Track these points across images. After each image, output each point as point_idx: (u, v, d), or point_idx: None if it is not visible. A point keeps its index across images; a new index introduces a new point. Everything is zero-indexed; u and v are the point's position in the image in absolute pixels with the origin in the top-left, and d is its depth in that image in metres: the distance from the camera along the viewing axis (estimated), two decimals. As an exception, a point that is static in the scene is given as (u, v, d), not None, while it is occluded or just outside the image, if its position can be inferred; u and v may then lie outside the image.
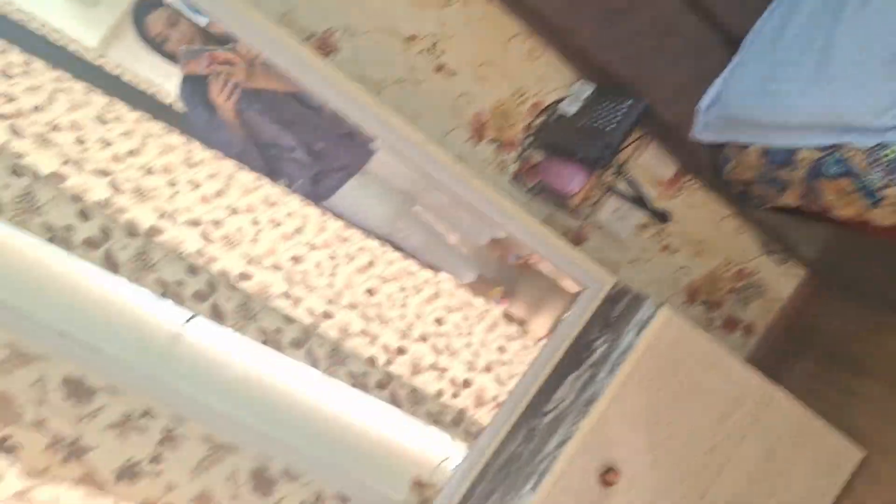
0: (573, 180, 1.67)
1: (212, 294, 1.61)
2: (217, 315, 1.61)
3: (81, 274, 1.77)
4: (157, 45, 1.64)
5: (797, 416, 1.74)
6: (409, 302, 1.91)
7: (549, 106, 1.82)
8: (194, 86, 1.65)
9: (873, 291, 2.08)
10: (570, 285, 1.76)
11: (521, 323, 2.02)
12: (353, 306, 1.82)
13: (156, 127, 1.75)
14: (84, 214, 1.52)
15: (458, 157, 1.51)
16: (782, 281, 2.25)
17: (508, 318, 2.02)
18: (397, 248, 1.90)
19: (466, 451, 1.71)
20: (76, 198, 1.57)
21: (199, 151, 1.76)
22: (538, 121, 1.82)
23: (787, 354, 2.22)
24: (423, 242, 1.90)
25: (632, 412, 1.60)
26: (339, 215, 1.84)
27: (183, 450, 0.99)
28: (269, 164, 1.75)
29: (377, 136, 1.45)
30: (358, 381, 1.72)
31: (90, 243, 1.49)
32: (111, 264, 1.50)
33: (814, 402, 1.76)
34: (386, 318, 1.85)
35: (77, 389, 0.94)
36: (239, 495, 0.97)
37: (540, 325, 1.99)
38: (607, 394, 1.57)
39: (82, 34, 1.67)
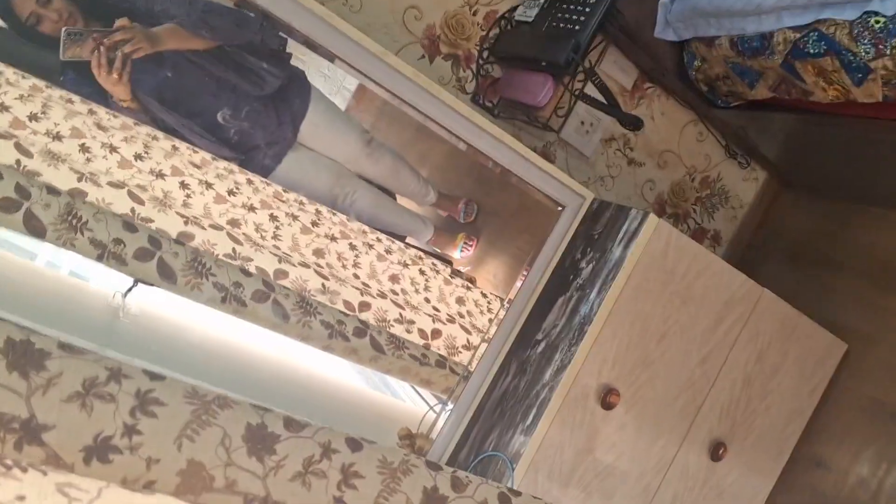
0: (542, 91, 1.54)
1: (157, 251, 1.43)
2: (165, 275, 1.43)
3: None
4: (28, 29, 1.38)
5: (783, 314, 1.72)
6: (361, 261, 1.77)
7: (504, 14, 1.68)
8: (80, 72, 1.42)
9: (837, 185, 2.07)
10: (528, 223, 1.67)
11: (470, 280, 1.92)
12: (305, 265, 1.67)
13: (56, 93, 1.52)
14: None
15: (418, 73, 1.36)
16: (745, 186, 2.22)
17: (456, 273, 1.91)
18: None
19: (456, 394, 1.60)
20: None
21: (106, 118, 1.55)
22: (494, 31, 1.68)
23: (757, 259, 2.20)
24: (371, 207, 1.76)
25: (627, 329, 1.53)
26: (279, 185, 1.67)
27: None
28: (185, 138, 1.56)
29: (332, 50, 1.29)
30: (335, 331, 1.57)
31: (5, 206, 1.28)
32: (33, 227, 1.29)
33: (791, 303, 1.73)
34: (341, 277, 1.70)
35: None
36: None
37: (491, 276, 1.90)
38: (601, 313, 1.49)
39: None
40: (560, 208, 1.59)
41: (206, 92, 1.56)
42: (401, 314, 1.73)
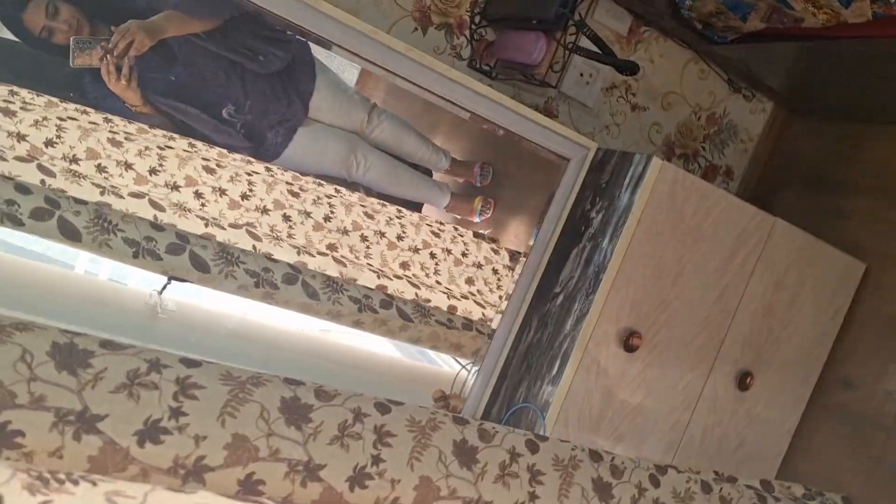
0: (535, 48, 1.57)
1: (186, 244, 1.50)
2: (199, 265, 1.50)
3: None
4: (43, 43, 1.43)
5: (799, 241, 1.74)
6: (372, 251, 1.82)
7: (491, -23, 1.70)
8: (94, 77, 1.47)
9: (844, 107, 2.06)
10: (542, 179, 1.69)
11: (493, 240, 1.96)
12: (321, 254, 1.72)
13: (70, 108, 1.58)
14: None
15: (410, 48, 1.39)
16: (753, 118, 2.22)
17: (478, 237, 1.95)
18: (357, 188, 1.79)
19: (482, 354, 1.66)
20: (7, 180, 1.42)
21: (121, 126, 1.60)
22: (483, -5, 1.71)
23: (771, 190, 2.21)
24: (385, 174, 1.80)
25: (641, 273, 1.57)
26: (289, 168, 1.72)
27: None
28: (200, 133, 1.61)
29: (326, 36, 1.33)
30: (363, 305, 1.64)
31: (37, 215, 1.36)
32: (68, 231, 1.37)
33: (808, 229, 1.75)
34: (357, 265, 1.76)
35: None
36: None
37: (512, 234, 1.93)
38: (614, 260, 1.53)
39: None
40: (565, 161, 1.62)
41: (215, 81, 1.60)
42: (416, 294, 1.79)
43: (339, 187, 1.76)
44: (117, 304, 1.72)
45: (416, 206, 1.90)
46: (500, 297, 1.86)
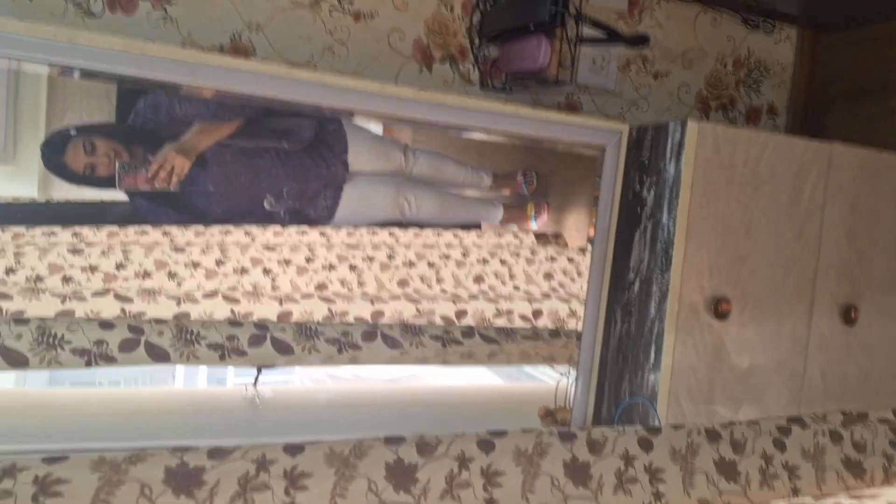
0: (540, 52, 1.57)
1: (266, 332, 1.55)
2: (282, 349, 1.56)
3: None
4: (90, 178, 1.51)
5: (861, 159, 1.67)
6: (442, 275, 1.83)
7: (478, -2, 1.72)
8: (149, 196, 1.55)
9: (867, 8, 1.97)
10: (587, 170, 1.68)
11: (556, 237, 1.95)
12: (395, 297, 1.75)
13: (129, 232, 1.67)
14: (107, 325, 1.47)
15: (419, 91, 1.42)
16: (780, 48, 2.15)
17: (541, 239, 1.94)
18: (411, 225, 1.82)
19: (576, 358, 1.65)
20: (91, 321, 1.51)
21: (179, 234, 1.68)
22: (476, 16, 1.72)
23: (820, 114, 2.13)
24: (436, 205, 1.82)
25: (710, 236, 1.53)
26: (344, 225, 1.76)
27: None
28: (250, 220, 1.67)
29: (337, 107, 1.37)
30: (445, 340, 1.66)
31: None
32: (156, 354, 1.45)
33: (864, 141, 1.68)
34: (430, 296, 1.78)
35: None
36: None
37: (574, 228, 1.92)
38: (679, 232, 1.50)
39: (19, 190, 1.57)
40: (602, 149, 1.61)
41: (251, 176, 1.66)
42: (497, 308, 1.80)
43: (392, 230, 1.80)
44: (219, 407, 1.79)
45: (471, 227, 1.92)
46: (581, 288, 1.84)
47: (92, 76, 1.27)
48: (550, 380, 2.12)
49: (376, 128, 1.80)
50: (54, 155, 1.50)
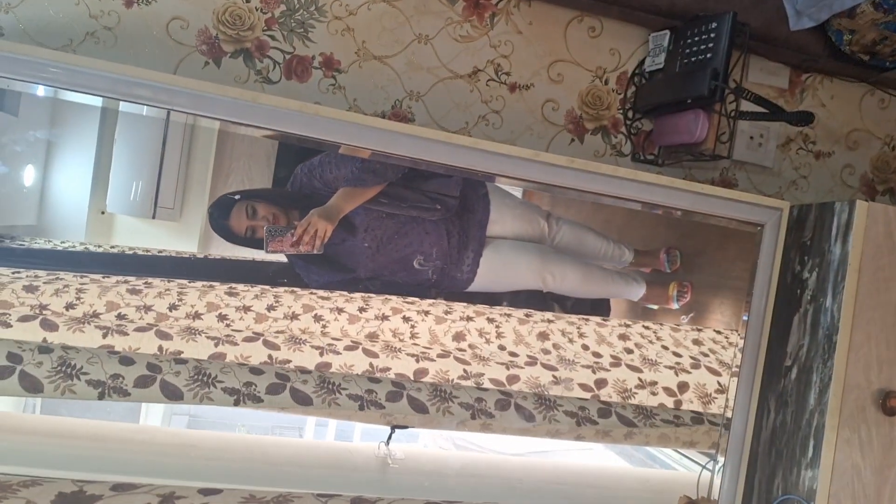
0: (696, 126, 1.55)
1: (403, 390, 1.57)
2: (418, 408, 1.56)
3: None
4: (250, 240, 1.61)
5: None
6: (586, 342, 1.79)
7: (634, 71, 1.72)
8: (305, 262, 1.63)
9: None
10: (737, 250, 1.61)
11: (698, 329, 1.87)
12: (531, 363, 1.72)
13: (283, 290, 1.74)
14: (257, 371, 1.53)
15: (572, 159, 1.42)
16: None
17: (692, 322, 1.86)
18: (555, 301, 1.80)
19: (723, 447, 1.55)
20: (242, 366, 1.58)
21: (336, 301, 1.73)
22: (630, 90, 1.73)
23: None
24: (579, 277, 1.80)
25: (880, 325, 1.41)
26: (484, 290, 1.76)
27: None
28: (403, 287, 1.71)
29: (489, 171, 1.40)
30: (580, 418, 1.60)
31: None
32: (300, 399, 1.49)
33: None
34: (568, 361, 1.74)
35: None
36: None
37: (718, 312, 1.83)
38: (844, 318, 1.40)
39: (182, 246, 1.69)
40: (759, 228, 1.54)
41: (400, 240, 1.71)
42: (639, 378, 1.72)
43: (530, 311, 1.78)
44: (350, 463, 1.80)
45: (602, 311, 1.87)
46: (731, 361, 1.75)
47: (263, 137, 1.38)
48: (680, 467, 1.99)
49: (518, 194, 1.82)
50: (220, 217, 1.61)
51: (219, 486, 1.34)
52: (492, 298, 1.77)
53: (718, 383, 1.77)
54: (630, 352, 1.78)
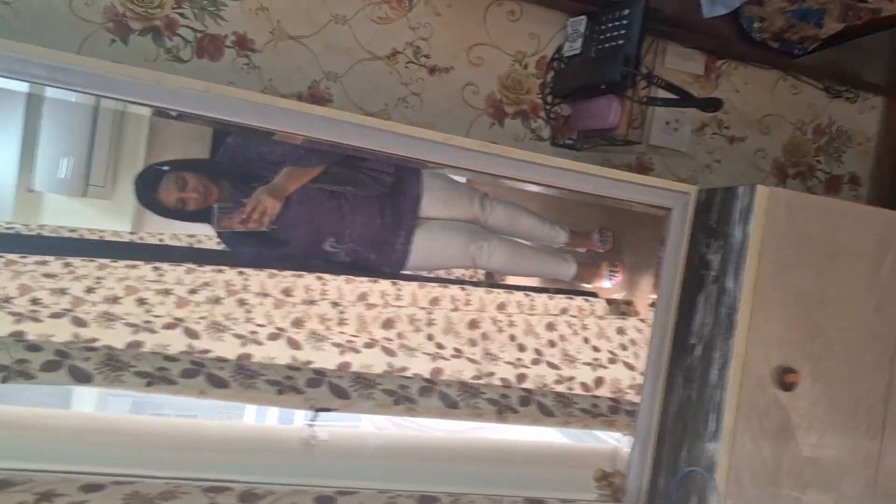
0: (610, 111, 1.58)
1: (323, 378, 1.57)
2: (339, 394, 1.57)
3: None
4: (181, 212, 1.59)
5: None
6: (514, 332, 1.82)
7: (553, 56, 1.75)
8: (241, 236, 1.62)
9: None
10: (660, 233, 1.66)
11: (628, 304, 1.91)
12: (457, 355, 1.75)
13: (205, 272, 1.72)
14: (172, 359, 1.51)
15: (486, 143, 1.44)
16: (864, 117, 2.09)
17: (612, 304, 1.91)
18: (484, 278, 1.82)
19: (635, 423, 1.60)
20: (158, 354, 1.56)
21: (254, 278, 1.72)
22: (550, 75, 1.75)
23: (905, 185, 2.05)
24: (507, 255, 1.82)
25: (780, 305, 1.48)
26: (417, 270, 1.77)
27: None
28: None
29: (404, 155, 1.40)
30: (502, 406, 1.64)
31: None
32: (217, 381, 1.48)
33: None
34: (494, 356, 1.77)
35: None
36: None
37: (646, 291, 1.88)
38: (745, 298, 1.46)
39: (114, 224, 1.65)
40: (669, 211, 1.59)
41: (333, 215, 1.70)
42: (559, 375, 1.76)
43: (464, 285, 1.80)
44: (277, 445, 1.80)
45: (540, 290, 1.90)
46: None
47: (184, 118, 1.35)
48: (613, 440, 2.05)
49: (460, 178, 1.83)
50: (147, 189, 1.58)
51: (130, 473, 1.33)
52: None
53: (633, 379, 1.82)
54: (551, 355, 1.82)
